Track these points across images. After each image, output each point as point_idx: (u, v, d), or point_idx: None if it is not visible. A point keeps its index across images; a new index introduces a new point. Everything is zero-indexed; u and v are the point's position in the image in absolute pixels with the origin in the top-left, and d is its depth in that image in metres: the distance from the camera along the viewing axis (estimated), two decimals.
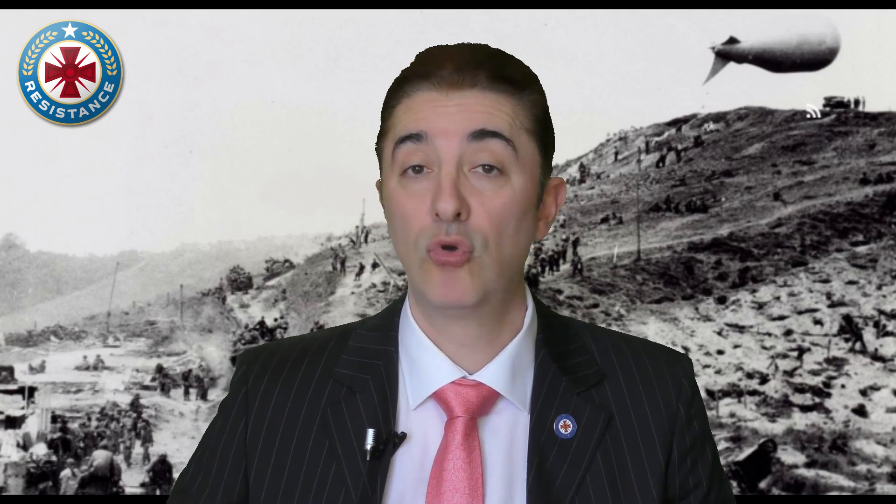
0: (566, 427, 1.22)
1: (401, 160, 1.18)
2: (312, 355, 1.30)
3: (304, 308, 8.00)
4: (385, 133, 1.23)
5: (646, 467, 1.23)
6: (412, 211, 1.17)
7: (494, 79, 1.18)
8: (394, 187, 1.20)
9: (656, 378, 1.27)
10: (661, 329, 7.44)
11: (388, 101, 1.23)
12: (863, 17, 6.70)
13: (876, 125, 8.25)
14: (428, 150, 1.17)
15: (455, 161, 1.16)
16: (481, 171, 1.17)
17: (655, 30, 6.92)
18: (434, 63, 1.20)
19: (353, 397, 1.24)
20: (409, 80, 1.21)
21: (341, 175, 7.12)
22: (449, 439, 1.20)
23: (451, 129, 1.16)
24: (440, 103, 1.18)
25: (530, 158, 1.20)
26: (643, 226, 8.31)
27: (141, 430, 6.78)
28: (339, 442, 1.22)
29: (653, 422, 1.25)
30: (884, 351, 7.10)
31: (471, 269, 1.16)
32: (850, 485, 6.29)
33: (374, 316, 1.33)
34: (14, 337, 7.35)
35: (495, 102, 1.18)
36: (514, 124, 1.18)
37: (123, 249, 7.40)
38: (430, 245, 1.16)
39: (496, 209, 1.16)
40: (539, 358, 1.25)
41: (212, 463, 1.30)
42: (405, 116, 1.19)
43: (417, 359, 1.24)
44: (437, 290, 1.17)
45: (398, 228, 1.20)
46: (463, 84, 1.18)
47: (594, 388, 1.25)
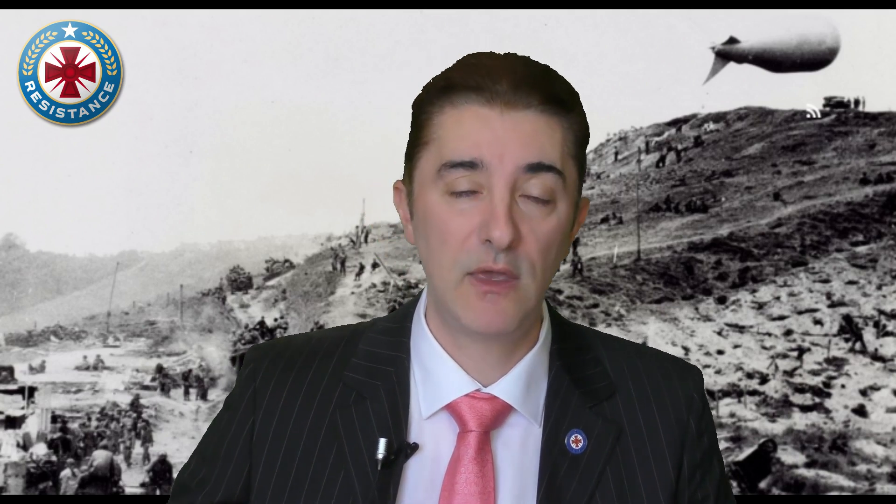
0: (577, 442, 1.21)
1: (449, 182, 1.15)
2: (322, 356, 1.28)
3: (304, 308, 8.00)
4: (426, 143, 1.19)
5: (656, 481, 1.23)
6: (457, 229, 1.14)
7: (548, 100, 1.16)
8: (436, 201, 1.16)
9: (667, 391, 1.27)
10: (661, 329, 7.44)
11: (429, 108, 1.19)
12: (863, 17, 6.70)
13: (876, 125, 8.25)
14: (480, 176, 1.14)
15: (509, 188, 1.14)
16: (530, 200, 1.15)
17: (655, 30, 6.92)
18: (488, 76, 1.16)
19: (362, 403, 1.23)
20: (456, 90, 1.17)
21: (341, 175, 7.12)
22: (461, 452, 1.19)
23: (508, 158, 1.13)
24: (494, 124, 1.14)
25: (573, 184, 1.20)
26: (643, 226, 8.31)
27: (141, 430, 6.78)
28: (349, 448, 1.21)
29: (663, 435, 1.25)
30: (884, 351, 7.10)
31: (516, 298, 1.15)
32: (850, 485, 6.29)
33: (384, 318, 1.32)
34: (14, 337, 7.34)
35: (548, 129, 1.16)
36: (563, 152, 1.17)
37: (123, 249, 7.40)
38: (474, 269, 1.14)
39: (544, 236, 1.15)
40: (553, 371, 1.25)
41: (215, 459, 1.28)
42: (455, 134, 1.15)
43: (431, 369, 1.23)
44: (478, 318, 1.15)
45: (435, 243, 1.17)
46: (518, 104, 1.15)
47: (606, 402, 1.25)
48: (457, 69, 1.19)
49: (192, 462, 1.32)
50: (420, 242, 1.21)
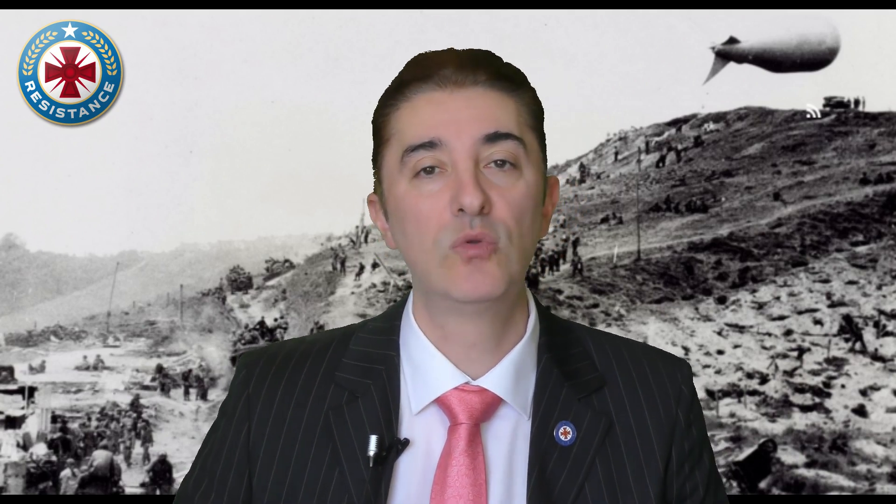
0: (566, 434, 1.23)
1: (412, 165, 1.18)
2: (314, 358, 1.29)
3: (304, 308, 8.00)
4: (386, 141, 1.22)
5: (645, 473, 1.24)
6: (428, 210, 1.17)
7: (495, 76, 1.19)
8: (405, 190, 1.19)
9: (656, 383, 1.28)
10: (661, 329, 7.44)
11: (384, 110, 1.22)
12: (863, 17, 6.70)
13: (876, 125, 8.26)
14: (441, 154, 1.17)
15: (472, 159, 1.16)
16: (495, 167, 1.17)
17: (655, 30, 6.93)
18: (433, 64, 1.20)
19: (355, 402, 1.24)
20: (407, 84, 1.20)
21: (341, 175, 7.13)
22: (452, 445, 1.20)
23: (465, 132, 1.16)
24: (446, 103, 1.18)
25: (536, 154, 1.21)
26: (643, 226, 8.31)
27: (141, 430, 6.78)
28: (342, 447, 1.22)
29: (652, 428, 1.26)
30: (884, 351, 7.10)
31: (498, 261, 1.16)
32: (850, 485, 6.29)
33: (375, 318, 1.33)
34: (14, 337, 7.35)
35: (500, 101, 1.19)
36: (520, 121, 1.19)
37: (123, 249, 7.40)
38: (454, 241, 1.15)
39: (515, 201, 1.17)
40: (541, 363, 1.26)
41: (215, 468, 1.29)
42: (411, 122, 1.19)
43: (420, 363, 1.24)
44: (464, 284, 1.16)
45: (412, 231, 1.19)
46: (465, 82, 1.18)
47: (594, 394, 1.26)
48: (405, 69, 1.24)
49: (193, 471, 1.32)
50: (399, 239, 1.22)
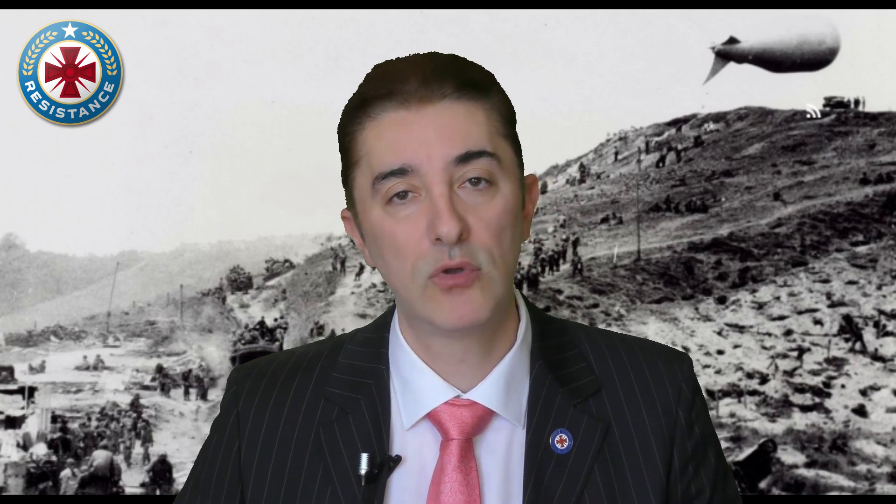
0: (562, 442, 1.19)
1: (384, 192, 1.13)
2: (303, 371, 1.26)
3: (304, 308, 8.00)
4: (355, 163, 1.17)
5: (645, 479, 1.20)
6: (405, 238, 1.13)
7: (461, 86, 1.14)
8: (379, 216, 1.14)
9: (654, 383, 1.24)
10: (661, 329, 7.44)
11: (349, 128, 1.17)
12: (863, 17, 6.70)
13: (876, 125, 8.25)
14: (413, 179, 1.12)
15: (446, 183, 1.12)
16: (470, 186, 1.13)
17: (655, 30, 6.92)
18: (396, 80, 1.14)
19: (345, 418, 1.21)
20: (370, 102, 1.15)
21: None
22: (445, 461, 1.18)
23: (435, 156, 1.12)
24: (413, 124, 1.12)
25: (510, 163, 1.17)
26: (643, 226, 8.31)
27: (141, 430, 6.78)
28: (333, 465, 1.19)
29: (651, 430, 1.22)
30: (884, 351, 7.10)
31: (482, 287, 1.12)
32: (850, 485, 6.29)
33: (363, 328, 1.30)
34: (14, 337, 7.35)
35: (469, 114, 1.14)
36: (491, 133, 1.15)
37: (123, 249, 7.40)
38: (432, 272, 1.12)
39: (493, 221, 1.13)
40: (534, 370, 1.22)
41: (207, 487, 1.27)
42: (378, 146, 1.14)
43: (409, 379, 1.21)
44: (449, 315, 1.12)
45: (390, 259, 1.15)
46: (432, 97, 1.13)
47: (591, 399, 1.22)
48: (367, 82, 1.17)
49: (187, 489, 1.30)
50: (378, 261, 1.18)
